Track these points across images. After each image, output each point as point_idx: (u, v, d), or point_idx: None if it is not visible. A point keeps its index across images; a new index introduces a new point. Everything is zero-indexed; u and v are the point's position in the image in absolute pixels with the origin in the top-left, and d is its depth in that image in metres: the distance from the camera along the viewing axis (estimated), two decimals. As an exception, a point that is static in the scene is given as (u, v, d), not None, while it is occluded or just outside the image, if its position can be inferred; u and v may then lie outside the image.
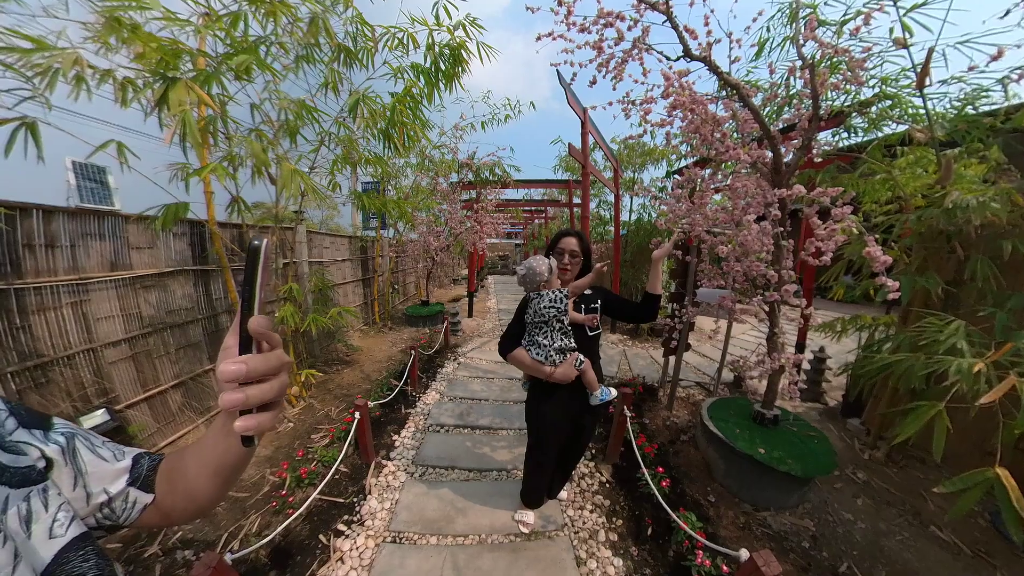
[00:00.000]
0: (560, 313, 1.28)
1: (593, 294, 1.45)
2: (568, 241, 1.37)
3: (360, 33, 2.33)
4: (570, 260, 1.36)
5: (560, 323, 1.31)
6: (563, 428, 1.45)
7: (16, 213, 1.67)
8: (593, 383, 1.37)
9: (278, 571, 1.51)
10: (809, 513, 1.85)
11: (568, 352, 1.33)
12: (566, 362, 1.31)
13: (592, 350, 1.43)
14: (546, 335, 1.32)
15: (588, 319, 1.37)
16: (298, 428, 2.52)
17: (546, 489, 1.73)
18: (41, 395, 1.74)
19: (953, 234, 1.99)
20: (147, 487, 0.42)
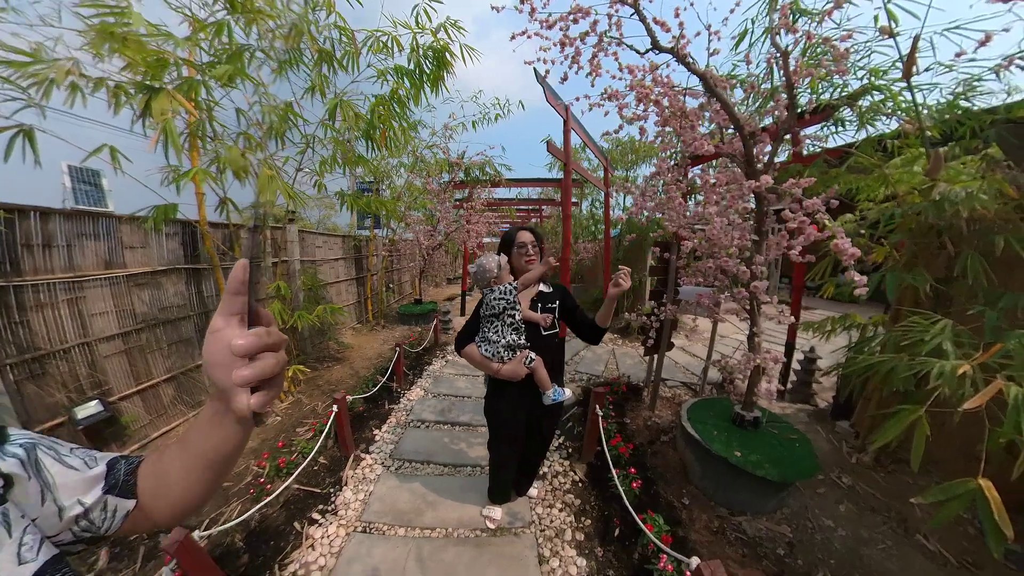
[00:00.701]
0: (509, 306, 1.30)
1: (552, 293, 1.45)
2: (525, 235, 1.41)
3: (341, 39, 2.39)
4: (533, 250, 1.40)
5: (511, 319, 1.32)
6: (517, 426, 1.46)
7: (15, 215, 1.78)
8: (544, 382, 1.36)
9: (252, 555, 1.57)
10: (787, 519, 1.79)
11: (517, 349, 1.33)
12: (515, 359, 1.32)
13: (548, 349, 1.42)
14: (496, 331, 1.33)
15: (541, 318, 1.36)
16: (285, 422, 2.61)
17: (511, 485, 1.75)
18: (38, 386, 1.85)
19: (944, 229, 1.92)
20: (127, 492, 0.40)
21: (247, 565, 1.53)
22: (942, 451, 2.14)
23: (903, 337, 1.53)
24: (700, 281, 2.23)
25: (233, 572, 1.49)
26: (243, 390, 0.32)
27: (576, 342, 4.48)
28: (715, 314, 2.18)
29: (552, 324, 1.40)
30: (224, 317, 0.33)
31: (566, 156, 2.76)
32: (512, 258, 1.40)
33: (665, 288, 2.44)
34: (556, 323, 1.42)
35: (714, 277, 2.08)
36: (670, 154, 1.96)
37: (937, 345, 1.31)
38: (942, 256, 2.02)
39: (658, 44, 1.70)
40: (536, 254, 1.41)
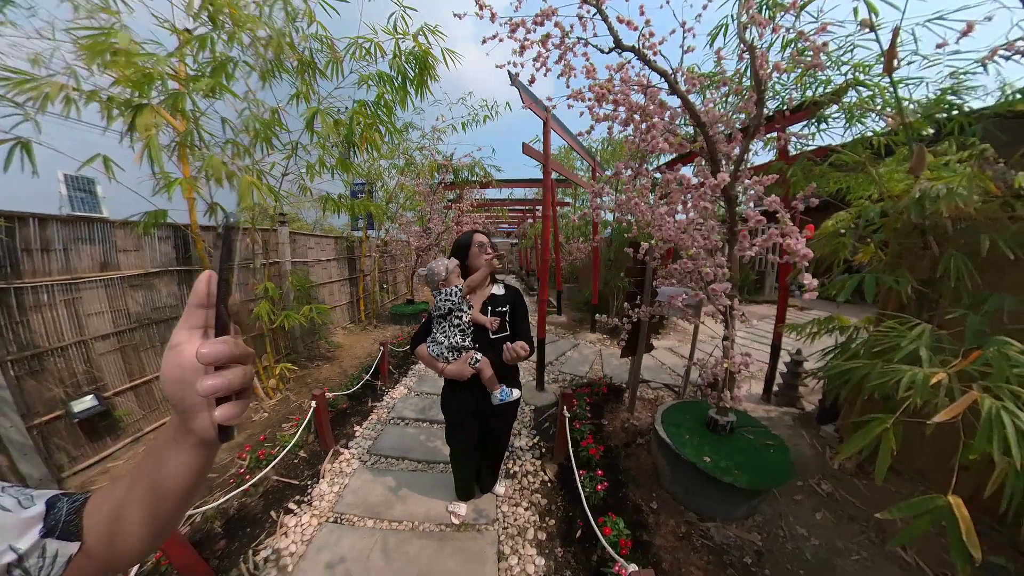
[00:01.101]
0: (455, 307, 1.34)
1: (504, 296, 1.46)
2: (480, 236, 1.45)
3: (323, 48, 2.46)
4: (492, 250, 1.44)
5: (458, 320, 1.35)
6: (468, 424, 1.50)
7: (15, 222, 1.91)
8: (490, 382, 1.39)
9: (229, 540, 1.66)
10: (758, 526, 1.75)
11: (462, 350, 1.36)
12: (460, 360, 1.35)
13: (496, 350, 1.41)
14: (443, 331, 1.37)
15: (488, 321, 1.38)
16: (272, 418, 2.71)
17: (472, 481, 1.78)
18: (37, 381, 1.98)
19: (928, 228, 1.86)
20: (70, 534, 0.34)
21: (223, 549, 1.62)
22: (926, 460, 2.08)
23: (878, 342, 1.47)
24: (674, 282, 2.22)
25: (211, 555, 1.58)
26: (206, 405, 0.30)
27: (562, 343, 4.49)
28: (687, 315, 2.17)
29: (503, 327, 1.41)
30: (186, 331, 0.31)
31: (545, 157, 2.77)
32: (471, 258, 1.42)
33: (640, 289, 2.43)
34: (507, 325, 1.42)
35: (691, 279, 2.06)
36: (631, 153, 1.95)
37: (913, 351, 1.25)
38: (927, 257, 1.95)
39: (620, 43, 1.70)
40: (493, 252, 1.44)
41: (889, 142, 2.21)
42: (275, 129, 2.39)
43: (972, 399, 0.94)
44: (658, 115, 1.77)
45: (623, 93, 1.70)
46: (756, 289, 7.32)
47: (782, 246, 1.45)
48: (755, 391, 3.16)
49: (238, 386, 0.31)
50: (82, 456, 2.15)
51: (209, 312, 0.31)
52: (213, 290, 0.30)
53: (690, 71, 2.35)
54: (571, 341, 4.54)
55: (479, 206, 5.06)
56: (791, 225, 1.46)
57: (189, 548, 1.41)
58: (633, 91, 1.79)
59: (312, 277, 4.21)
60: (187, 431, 0.32)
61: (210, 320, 0.31)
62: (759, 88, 1.74)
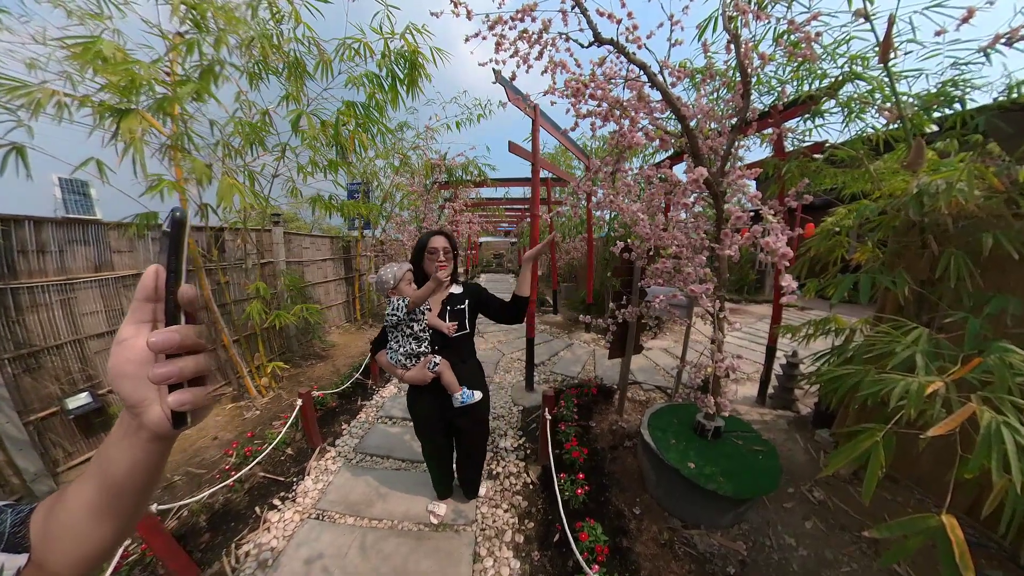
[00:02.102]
0: (400, 321, 1.31)
1: (462, 295, 1.43)
2: (437, 240, 1.38)
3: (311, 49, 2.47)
4: (445, 257, 1.37)
5: (410, 328, 1.32)
6: (434, 426, 1.49)
7: (10, 225, 1.97)
8: (451, 385, 1.36)
9: (212, 534, 1.69)
10: (744, 535, 1.69)
11: (419, 356, 1.34)
12: (418, 365, 1.33)
13: (457, 351, 1.42)
14: (396, 340, 1.35)
15: (447, 326, 1.35)
16: (264, 415, 2.75)
17: (448, 480, 1.78)
18: (33, 379, 2.04)
19: (927, 226, 1.78)
20: (17, 546, 0.33)
21: (207, 543, 1.65)
22: (923, 468, 2.00)
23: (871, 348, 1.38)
24: (662, 282, 2.18)
25: (194, 548, 1.61)
26: (158, 397, 0.30)
27: (555, 342, 4.46)
28: (674, 316, 2.12)
29: (463, 325, 1.38)
30: (133, 325, 0.31)
31: (534, 156, 2.74)
32: (424, 264, 1.38)
33: (627, 289, 2.39)
34: (468, 324, 1.40)
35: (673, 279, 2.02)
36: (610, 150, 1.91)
37: (908, 358, 1.16)
38: (926, 256, 1.86)
39: (599, 36, 1.67)
40: (448, 260, 1.38)
41: (888, 138, 2.13)
42: (264, 131, 2.40)
43: (969, 412, 0.87)
44: (640, 109, 1.72)
45: (601, 88, 1.66)
46: (756, 288, 7.18)
47: (762, 244, 1.40)
48: (750, 393, 3.10)
49: (190, 373, 0.31)
50: (77, 452, 2.21)
51: (158, 306, 0.31)
52: (161, 284, 0.30)
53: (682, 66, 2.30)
54: (565, 340, 4.51)
55: (474, 205, 5.05)
56: (773, 222, 1.41)
57: (168, 537, 1.44)
58: (613, 85, 1.75)
59: (308, 277, 4.26)
60: (139, 426, 0.32)
61: (159, 314, 0.31)
62: (745, 79, 1.69)
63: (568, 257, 6.02)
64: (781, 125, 2.54)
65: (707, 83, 2.05)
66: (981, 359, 1.02)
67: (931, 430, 0.86)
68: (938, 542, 0.80)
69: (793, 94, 2.38)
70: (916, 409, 0.97)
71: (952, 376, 0.99)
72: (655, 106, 1.74)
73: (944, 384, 0.97)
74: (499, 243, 18.73)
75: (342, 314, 5.04)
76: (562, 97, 1.84)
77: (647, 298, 2.39)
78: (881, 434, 0.96)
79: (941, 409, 0.98)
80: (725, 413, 1.76)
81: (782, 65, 2.32)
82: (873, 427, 0.99)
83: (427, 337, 1.36)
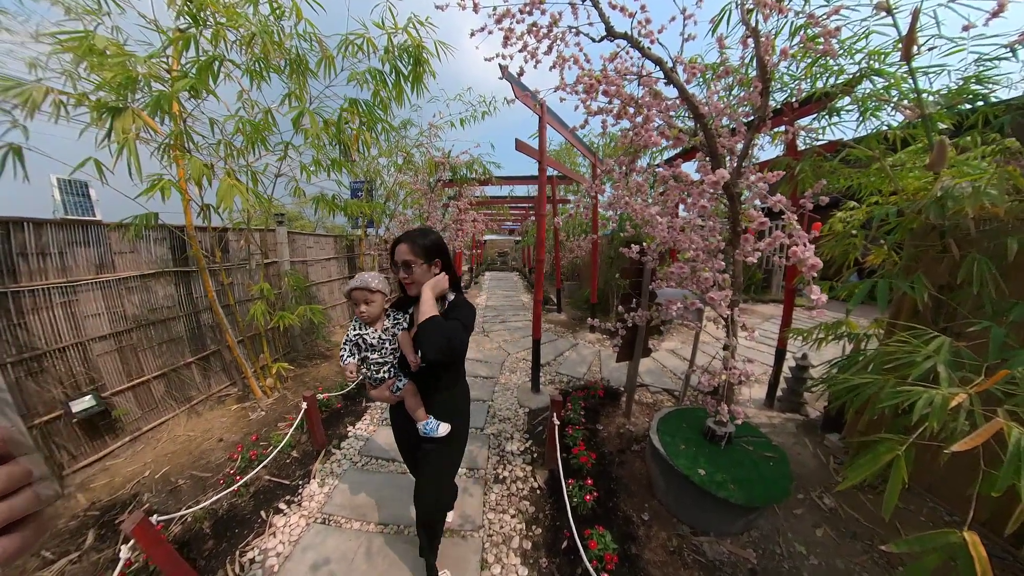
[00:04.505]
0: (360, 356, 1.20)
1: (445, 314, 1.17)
2: (399, 250, 1.13)
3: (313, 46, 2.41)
4: (405, 272, 1.12)
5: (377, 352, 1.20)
6: (403, 442, 1.38)
7: (9, 227, 1.93)
8: (413, 411, 1.22)
9: (217, 540, 1.67)
10: (754, 542, 1.67)
11: (382, 381, 1.22)
12: (382, 386, 1.23)
13: (424, 378, 1.23)
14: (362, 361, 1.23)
15: (413, 359, 1.17)
16: (269, 416, 2.74)
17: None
18: (36, 382, 2.03)
19: (948, 229, 1.72)
20: None
21: (211, 550, 1.64)
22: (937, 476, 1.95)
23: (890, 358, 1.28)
24: (673, 284, 2.13)
25: (198, 556, 1.60)
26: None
27: (560, 342, 4.43)
28: (686, 319, 2.08)
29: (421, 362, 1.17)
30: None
31: (540, 154, 2.69)
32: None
33: (636, 291, 2.35)
34: None
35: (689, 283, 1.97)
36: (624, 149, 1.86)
37: (930, 368, 1.10)
38: (945, 260, 1.80)
39: (612, 30, 1.61)
40: (413, 276, 1.12)
41: (907, 136, 2.07)
42: (268, 130, 2.35)
43: (996, 428, 0.83)
44: (653, 106, 1.67)
45: (614, 84, 1.61)
46: (763, 288, 7.12)
47: (788, 251, 1.35)
48: (759, 395, 3.06)
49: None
50: (82, 455, 2.20)
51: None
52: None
53: (692, 61, 2.23)
54: (570, 340, 4.48)
55: (479, 204, 4.99)
56: (799, 229, 1.35)
57: (169, 548, 1.42)
58: (627, 82, 1.69)
59: (311, 276, 4.23)
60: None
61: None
62: (764, 77, 1.63)
63: (572, 256, 5.98)
64: (794, 123, 2.48)
65: (720, 80, 1.98)
66: (1008, 371, 0.97)
67: (955, 445, 0.82)
68: (959, 559, 0.76)
69: (808, 91, 2.31)
70: (939, 422, 0.93)
71: (977, 388, 0.95)
72: (670, 103, 1.68)
73: (968, 396, 0.93)
74: (503, 241, 18.66)
75: (345, 313, 5.03)
76: (572, 93, 1.78)
77: (657, 300, 2.35)
78: (903, 448, 0.93)
79: (965, 422, 0.93)
80: (739, 421, 1.73)
81: (797, 60, 2.25)
82: (893, 439, 0.95)
83: (393, 357, 1.21)
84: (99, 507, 1.92)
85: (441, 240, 1.20)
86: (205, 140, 2.36)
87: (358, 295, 1.18)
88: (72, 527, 1.80)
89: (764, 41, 1.58)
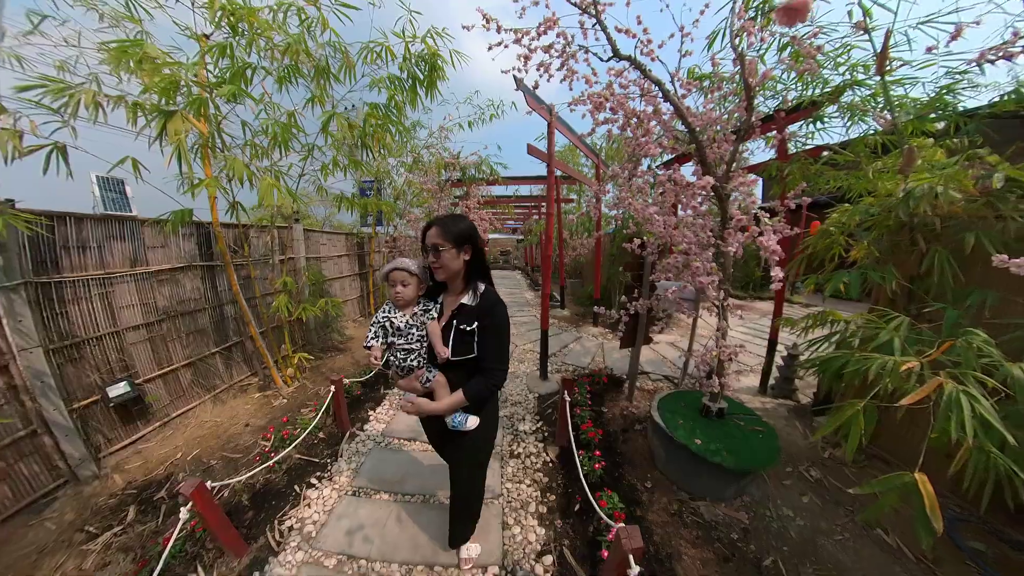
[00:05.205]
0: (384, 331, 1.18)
1: (475, 308, 1.13)
2: (429, 234, 1.11)
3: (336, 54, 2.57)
4: (433, 256, 1.10)
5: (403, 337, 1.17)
6: (430, 430, 1.36)
7: (54, 222, 2.05)
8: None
9: (255, 511, 1.81)
10: (746, 506, 1.84)
11: (410, 370, 1.18)
12: (408, 378, 1.19)
13: (456, 372, 1.17)
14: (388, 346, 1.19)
15: (441, 348, 1.13)
16: (291, 404, 2.87)
17: None
18: (76, 368, 2.14)
19: (917, 226, 1.93)
20: None
21: (251, 520, 1.77)
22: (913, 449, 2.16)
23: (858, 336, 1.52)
24: (671, 276, 2.32)
25: (239, 525, 1.73)
26: None
27: (564, 335, 4.61)
28: (683, 308, 2.27)
29: (468, 348, 1.13)
30: None
31: (549, 157, 2.87)
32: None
33: (638, 283, 2.53)
34: (475, 346, 1.12)
35: (683, 273, 2.16)
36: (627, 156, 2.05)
37: (887, 341, 1.31)
38: (916, 254, 2.01)
39: (618, 52, 1.79)
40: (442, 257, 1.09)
41: (886, 141, 2.28)
42: (295, 131, 2.50)
43: (936, 384, 1.01)
44: (655, 119, 1.86)
45: (619, 101, 1.79)
46: (762, 285, 7.37)
47: (756, 241, 1.54)
48: (753, 384, 3.26)
49: None
50: (116, 439, 2.32)
51: None
52: None
53: (691, 72, 2.43)
54: (574, 334, 4.66)
55: (486, 203, 5.16)
56: (767, 224, 1.55)
57: (221, 512, 1.54)
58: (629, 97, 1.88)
59: (324, 272, 4.35)
60: None
61: None
62: (748, 93, 1.82)
63: (575, 254, 6.17)
64: (784, 129, 2.69)
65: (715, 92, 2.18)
66: (952, 343, 1.17)
67: (904, 399, 1.00)
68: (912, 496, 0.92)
69: (796, 99, 2.52)
70: (894, 383, 1.12)
71: (928, 358, 1.13)
72: (667, 117, 1.87)
73: (919, 363, 1.11)
74: (505, 240, 18.81)
75: (356, 308, 5.16)
76: (581, 105, 1.96)
77: (657, 291, 2.54)
78: (861, 405, 1.11)
79: (916, 384, 1.10)
80: (728, 392, 1.91)
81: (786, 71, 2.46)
82: (854, 401, 1.13)
83: (423, 348, 1.17)
84: (136, 486, 2.04)
85: (473, 227, 1.16)
86: (234, 140, 2.49)
87: (396, 275, 1.17)
88: (112, 504, 1.92)
89: (749, 64, 1.78)
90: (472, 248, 1.15)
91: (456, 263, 1.12)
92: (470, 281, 1.18)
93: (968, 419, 0.97)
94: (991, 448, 0.99)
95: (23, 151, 1.74)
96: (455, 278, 1.17)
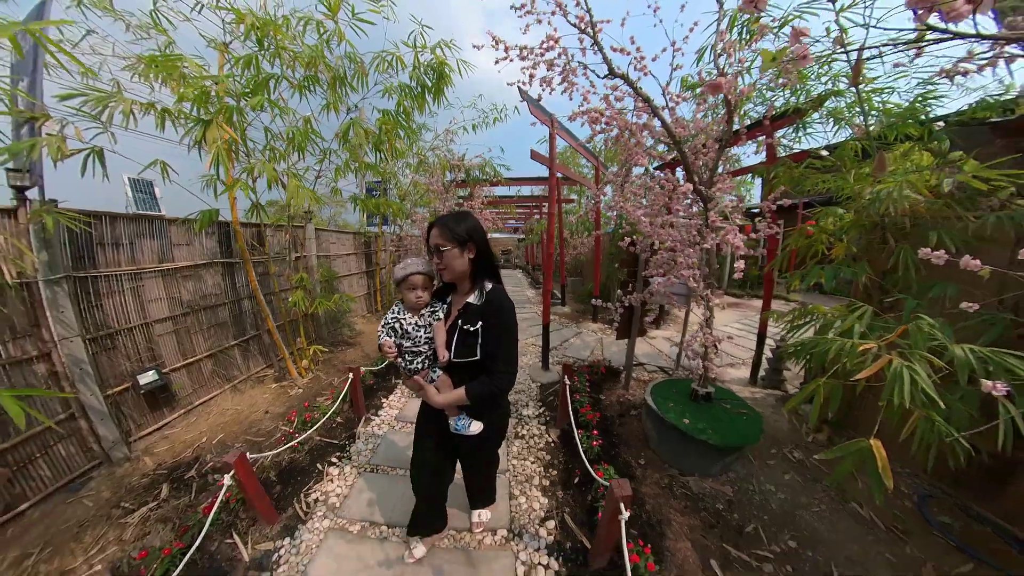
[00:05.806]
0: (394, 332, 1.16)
1: (479, 308, 1.08)
2: (432, 234, 1.07)
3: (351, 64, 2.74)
4: (437, 257, 1.07)
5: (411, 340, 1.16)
6: (431, 433, 1.30)
7: (91, 220, 2.21)
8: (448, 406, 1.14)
9: (283, 486, 1.98)
10: (732, 481, 1.99)
11: (412, 372, 1.17)
12: (413, 379, 1.17)
13: (459, 373, 1.13)
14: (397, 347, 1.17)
15: (442, 350, 1.11)
16: (307, 393, 3.03)
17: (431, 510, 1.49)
18: (109, 357, 2.30)
19: (888, 225, 2.11)
20: None
21: (279, 493, 1.93)
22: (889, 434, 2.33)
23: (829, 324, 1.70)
24: (662, 272, 2.50)
25: (270, 497, 1.89)
26: None
27: (565, 330, 4.80)
28: (672, 301, 2.45)
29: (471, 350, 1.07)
30: None
31: (551, 161, 3.04)
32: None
33: (633, 278, 2.71)
34: (478, 349, 1.07)
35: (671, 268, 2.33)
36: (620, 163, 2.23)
37: (849, 327, 1.48)
38: (886, 251, 2.21)
39: (612, 70, 1.97)
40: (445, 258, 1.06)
41: (865, 146, 2.47)
42: (312, 136, 2.66)
43: (885, 360, 1.15)
44: (646, 131, 2.04)
45: (613, 115, 1.97)
46: (759, 284, 7.58)
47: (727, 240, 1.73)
48: (743, 375, 3.45)
49: None
50: (145, 424, 2.47)
51: None
52: None
53: (683, 81, 2.61)
54: (574, 329, 4.84)
55: (489, 203, 5.33)
56: (730, 225, 1.75)
57: (258, 483, 1.71)
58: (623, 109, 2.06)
59: (334, 270, 4.51)
60: None
61: None
62: (728, 108, 2.00)
63: (575, 253, 6.34)
64: (771, 135, 2.87)
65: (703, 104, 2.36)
66: (906, 327, 1.32)
67: (859, 374, 1.14)
68: (866, 459, 1.06)
69: (782, 107, 2.71)
70: (851, 363, 1.27)
71: (885, 341, 1.28)
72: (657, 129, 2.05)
73: (877, 346, 1.26)
74: (506, 240, 18.95)
75: (363, 305, 5.32)
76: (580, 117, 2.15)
77: (650, 286, 2.72)
78: (822, 381, 1.28)
79: (872, 363, 1.24)
80: (719, 382, 2.10)
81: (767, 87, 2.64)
82: (818, 379, 1.30)
83: (428, 348, 1.15)
84: (166, 467, 2.19)
85: (477, 225, 1.10)
86: (256, 144, 2.65)
87: (416, 279, 1.12)
88: (144, 483, 2.07)
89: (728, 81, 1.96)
90: (477, 247, 1.09)
91: (460, 263, 1.07)
92: (477, 280, 1.12)
93: (907, 389, 1.14)
94: (935, 416, 1.16)
95: (68, 154, 1.89)
96: (462, 278, 1.13)
